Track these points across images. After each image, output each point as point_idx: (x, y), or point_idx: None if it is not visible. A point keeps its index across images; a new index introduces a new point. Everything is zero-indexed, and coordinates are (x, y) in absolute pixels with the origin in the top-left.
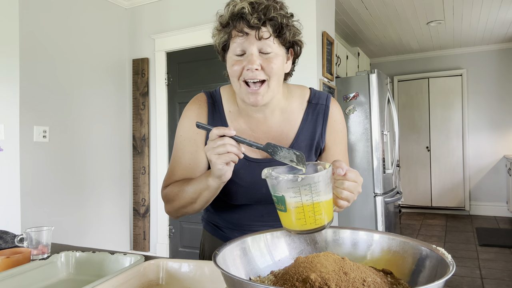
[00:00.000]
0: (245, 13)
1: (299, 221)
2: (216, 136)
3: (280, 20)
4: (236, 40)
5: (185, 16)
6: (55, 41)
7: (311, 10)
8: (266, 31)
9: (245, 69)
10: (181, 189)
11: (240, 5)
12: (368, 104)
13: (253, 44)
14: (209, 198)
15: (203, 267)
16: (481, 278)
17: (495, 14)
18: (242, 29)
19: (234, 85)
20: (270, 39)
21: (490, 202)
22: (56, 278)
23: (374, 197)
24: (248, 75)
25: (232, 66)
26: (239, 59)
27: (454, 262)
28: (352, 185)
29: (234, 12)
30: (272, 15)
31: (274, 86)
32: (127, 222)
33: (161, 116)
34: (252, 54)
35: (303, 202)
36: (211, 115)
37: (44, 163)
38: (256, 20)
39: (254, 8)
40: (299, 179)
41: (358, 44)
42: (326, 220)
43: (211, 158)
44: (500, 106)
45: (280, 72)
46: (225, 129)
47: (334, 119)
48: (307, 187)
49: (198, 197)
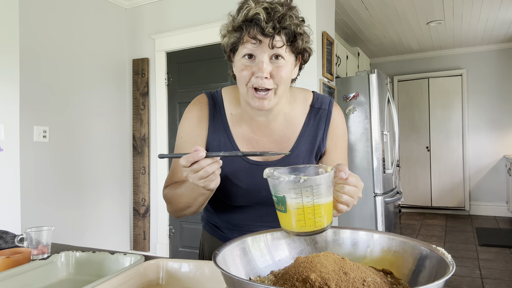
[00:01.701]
0: (260, 19)
1: (299, 222)
2: (189, 163)
3: (294, 29)
4: (247, 45)
5: (185, 16)
6: (55, 41)
7: (311, 10)
8: (280, 40)
9: (254, 75)
10: (176, 192)
11: (254, 10)
12: (368, 104)
13: (265, 52)
14: (204, 201)
15: (203, 267)
16: (481, 278)
17: (495, 14)
18: (255, 35)
19: (242, 89)
20: (282, 48)
21: (490, 202)
22: (56, 278)
23: (374, 197)
24: (257, 83)
25: (241, 71)
26: (248, 64)
27: (454, 262)
28: (353, 189)
29: (248, 17)
30: (287, 24)
31: (281, 93)
32: (127, 222)
33: (161, 116)
34: (263, 62)
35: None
36: (212, 117)
37: (44, 163)
38: (271, 29)
39: (269, 15)
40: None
41: (358, 44)
42: (326, 223)
43: (197, 183)
44: (500, 106)
45: (288, 80)
46: (193, 155)
47: (336, 124)
48: (309, 189)
49: (193, 202)
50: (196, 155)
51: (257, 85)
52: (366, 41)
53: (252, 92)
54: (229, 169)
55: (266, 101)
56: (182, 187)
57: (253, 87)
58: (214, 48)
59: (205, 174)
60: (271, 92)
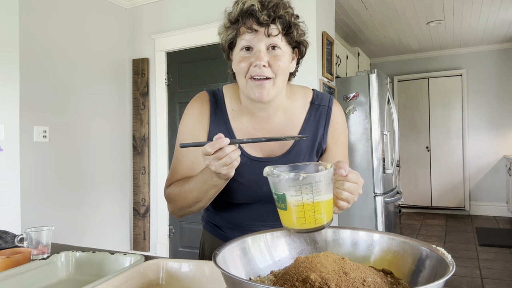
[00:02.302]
0: (254, 10)
1: (299, 219)
2: (215, 150)
3: (288, 18)
4: (244, 36)
5: (185, 16)
6: (55, 41)
7: (311, 10)
8: (275, 28)
9: (252, 65)
10: (183, 188)
11: (249, 2)
12: (368, 104)
13: (262, 41)
14: (215, 194)
15: (203, 267)
16: (481, 278)
17: (495, 14)
18: (251, 26)
19: (241, 82)
20: (278, 36)
21: (490, 202)
22: (56, 278)
23: (374, 197)
24: (255, 72)
25: (239, 63)
26: (246, 55)
27: (454, 262)
28: (353, 186)
29: (243, 9)
30: (281, 13)
31: (280, 84)
32: (127, 222)
33: (161, 116)
34: (260, 51)
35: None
36: (213, 113)
37: (44, 163)
38: (266, 17)
39: (263, 5)
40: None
41: (358, 44)
42: (326, 220)
43: (219, 171)
44: (500, 106)
45: (286, 70)
46: (219, 142)
47: (336, 121)
48: (308, 186)
49: (203, 196)
50: (221, 141)
51: (255, 74)
52: (366, 41)
53: (251, 82)
54: None
55: (265, 90)
56: (191, 182)
57: (252, 77)
58: (214, 48)
59: (229, 161)
60: (270, 81)
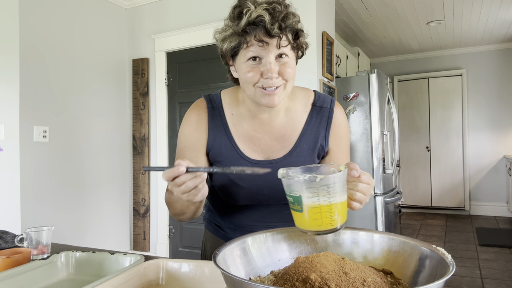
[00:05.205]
0: (264, 21)
1: (316, 221)
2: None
3: (296, 27)
4: (252, 48)
5: (185, 16)
6: (55, 41)
7: (311, 10)
8: (286, 39)
9: (263, 76)
10: (172, 198)
11: (257, 13)
12: (368, 104)
13: (271, 53)
14: (196, 210)
15: (203, 267)
16: (481, 278)
17: (495, 14)
18: (262, 38)
19: (248, 90)
20: (287, 46)
21: (490, 202)
22: (56, 278)
23: (374, 197)
24: (267, 83)
25: (247, 73)
26: (254, 65)
27: (454, 262)
28: (366, 187)
29: (251, 20)
30: (290, 22)
31: (289, 89)
32: (127, 222)
33: (161, 116)
34: (270, 63)
35: (321, 202)
36: (211, 119)
37: (44, 163)
38: (278, 30)
39: (273, 17)
40: (317, 179)
41: (358, 44)
42: (341, 221)
43: (181, 197)
44: (500, 106)
45: (295, 74)
46: (173, 170)
47: (338, 123)
48: (325, 188)
49: (186, 210)
50: (176, 170)
51: (267, 86)
52: (366, 41)
53: (261, 91)
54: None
55: (276, 96)
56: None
57: (263, 87)
58: (214, 48)
59: (186, 189)
60: (281, 88)
